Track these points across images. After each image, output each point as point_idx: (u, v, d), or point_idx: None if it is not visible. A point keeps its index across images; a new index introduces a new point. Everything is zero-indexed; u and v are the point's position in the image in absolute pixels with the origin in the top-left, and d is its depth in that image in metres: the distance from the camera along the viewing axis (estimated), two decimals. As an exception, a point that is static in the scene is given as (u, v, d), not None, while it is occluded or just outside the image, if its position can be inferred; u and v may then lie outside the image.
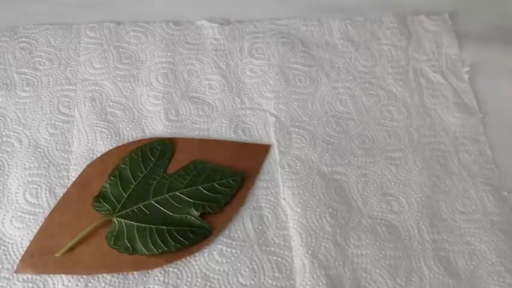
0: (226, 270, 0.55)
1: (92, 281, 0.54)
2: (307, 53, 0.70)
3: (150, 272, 0.55)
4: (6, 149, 0.60)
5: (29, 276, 0.54)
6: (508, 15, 0.72)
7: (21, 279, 0.54)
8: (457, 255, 0.57)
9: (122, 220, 0.56)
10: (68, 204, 0.58)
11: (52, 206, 0.57)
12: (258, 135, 0.64)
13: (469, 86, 0.68)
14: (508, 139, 0.65)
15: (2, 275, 0.54)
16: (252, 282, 0.55)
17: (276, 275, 0.55)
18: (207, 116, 0.64)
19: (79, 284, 0.54)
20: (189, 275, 0.55)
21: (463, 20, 0.73)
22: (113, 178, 0.59)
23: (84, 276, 0.54)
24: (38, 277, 0.54)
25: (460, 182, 0.62)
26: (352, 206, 0.60)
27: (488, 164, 0.63)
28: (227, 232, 0.57)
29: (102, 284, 0.54)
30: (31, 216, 0.57)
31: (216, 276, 0.55)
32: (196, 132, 0.63)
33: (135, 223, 0.56)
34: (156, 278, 0.55)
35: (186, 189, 0.59)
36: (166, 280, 0.55)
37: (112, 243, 0.55)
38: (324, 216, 0.58)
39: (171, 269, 0.55)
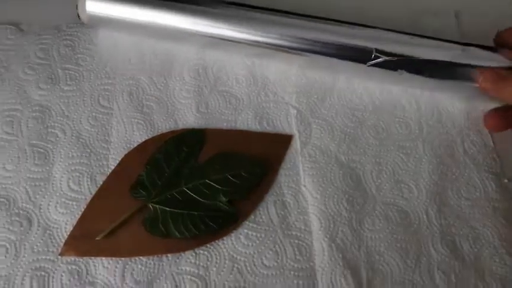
0: (251, 252, 0.52)
1: (130, 263, 0.50)
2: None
3: (182, 254, 0.51)
4: (51, 139, 0.56)
5: (72, 258, 0.50)
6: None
7: (65, 261, 0.50)
8: (462, 239, 0.53)
9: (157, 206, 0.53)
10: (108, 191, 0.54)
11: (93, 193, 0.54)
12: (281, 127, 0.59)
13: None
14: (508, 131, 0.59)
15: (48, 257, 0.50)
16: (275, 263, 0.51)
17: (297, 257, 0.51)
18: (234, 109, 0.60)
19: (118, 265, 0.50)
20: (218, 257, 0.51)
21: (468, 19, 0.67)
22: (148, 166, 0.55)
23: (123, 259, 0.50)
24: (81, 259, 0.50)
25: (465, 170, 0.57)
26: (366, 193, 0.55)
27: (491, 153, 0.58)
28: (252, 217, 0.53)
29: (139, 266, 0.50)
30: (74, 202, 0.53)
31: (242, 259, 0.51)
32: (225, 123, 0.59)
33: (168, 209, 0.52)
34: (188, 260, 0.51)
35: (215, 177, 0.55)
36: (197, 262, 0.51)
37: (148, 227, 0.51)
38: (341, 202, 0.54)
39: (201, 252, 0.51)
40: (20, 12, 0.65)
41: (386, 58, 0.57)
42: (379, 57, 0.57)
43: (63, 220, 0.52)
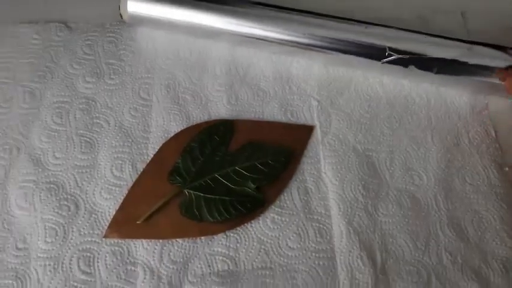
0: (277, 235, 0.47)
1: (167, 244, 0.47)
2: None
3: (214, 237, 0.47)
4: (96, 129, 0.52)
5: (115, 240, 0.47)
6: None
7: (108, 243, 0.46)
8: (467, 222, 0.49)
9: (192, 192, 0.48)
10: (147, 178, 0.50)
11: (134, 179, 0.49)
12: (304, 117, 0.54)
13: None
14: (508, 122, 0.55)
15: (93, 239, 0.47)
16: (298, 245, 0.47)
17: (318, 239, 0.47)
18: (261, 101, 0.55)
19: (156, 247, 0.46)
20: (247, 239, 0.47)
21: (474, 19, 0.62)
22: (184, 155, 0.51)
23: (161, 241, 0.47)
24: (123, 241, 0.47)
25: (470, 158, 0.53)
26: (381, 180, 0.51)
27: (493, 143, 0.54)
28: (278, 202, 0.49)
29: (175, 247, 0.46)
30: (117, 188, 0.49)
31: (268, 241, 0.47)
32: (253, 115, 0.54)
33: (202, 194, 0.48)
34: (220, 242, 0.47)
35: (244, 165, 0.50)
36: (227, 244, 0.47)
37: (183, 212, 0.47)
38: (357, 188, 0.50)
39: (231, 234, 0.47)
40: (68, 11, 0.61)
41: (398, 56, 0.52)
42: (392, 55, 0.52)
43: (107, 205, 0.48)
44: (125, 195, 0.48)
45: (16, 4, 0.60)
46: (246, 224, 0.48)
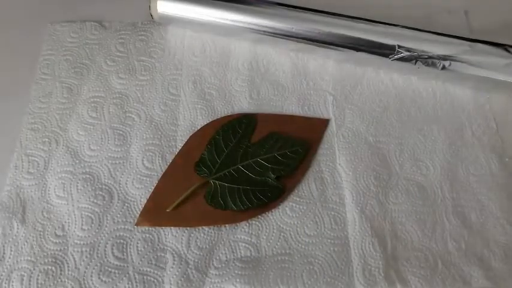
0: (295, 223, 0.42)
1: (194, 232, 0.41)
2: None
3: (238, 224, 0.41)
4: (128, 122, 0.46)
5: (146, 228, 0.41)
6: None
7: (140, 231, 0.41)
8: (470, 210, 0.43)
9: (217, 182, 0.42)
10: (176, 169, 0.43)
11: (163, 170, 0.43)
12: (320, 111, 0.48)
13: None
14: (508, 115, 0.48)
15: (126, 227, 0.41)
16: (315, 232, 0.41)
17: (333, 226, 0.41)
18: (281, 95, 0.49)
19: (184, 234, 0.41)
20: (268, 227, 0.41)
21: (475, 17, 0.54)
22: (209, 147, 0.44)
23: (188, 228, 0.41)
24: (153, 229, 0.41)
25: (473, 149, 0.46)
26: (391, 170, 0.44)
27: (494, 135, 0.47)
28: (296, 191, 0.43)
29: (202, 234, 0.41)
30: (148, 179, 0.43)
31: (287, 228, 0.41)
32: (273, 109, 0.48)
33: (226, 184, 0.42)
34: (243, 230, 0.41)
35: (265, 156, 0.44)
36: (250, 231, 0.41)
37: (209, 201, 0.41)
38: (369, 178, 0.44)
39: (253, 222, 0.41)
40: (103, 11, 0.54)
41: (407, 53, 0.46)
42: (400, 53, 0.46)
43: (139, 194, 0.42)
44: (155, 185, 0.43)
45: (54, 5, 0.54)
46: (266, 213, 0.42)
